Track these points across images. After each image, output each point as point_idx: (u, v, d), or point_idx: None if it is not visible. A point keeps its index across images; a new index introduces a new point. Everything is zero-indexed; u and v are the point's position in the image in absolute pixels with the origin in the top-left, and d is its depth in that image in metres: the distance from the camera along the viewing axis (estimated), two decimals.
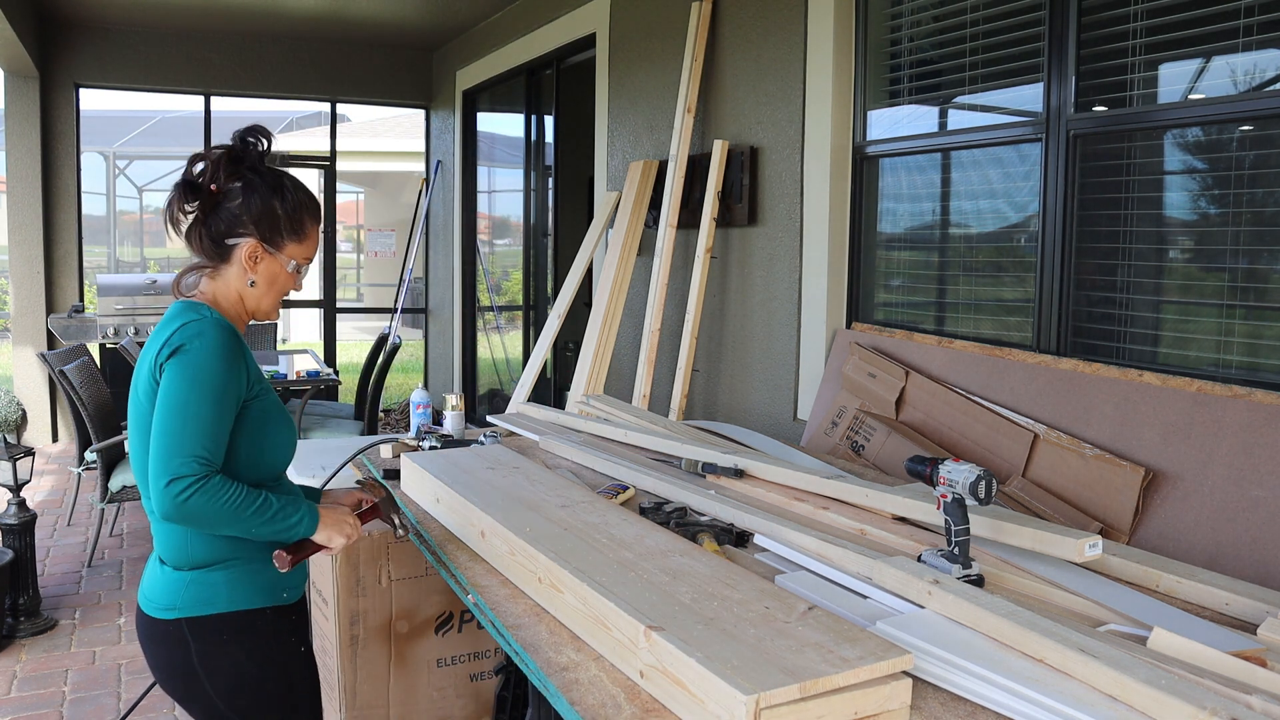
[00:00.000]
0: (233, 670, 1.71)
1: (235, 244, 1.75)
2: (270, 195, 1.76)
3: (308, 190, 1.84)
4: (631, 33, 4.94)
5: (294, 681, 1.80)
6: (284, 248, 1.78)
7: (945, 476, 1.79)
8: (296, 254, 1.80)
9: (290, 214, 1.77)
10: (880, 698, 1.32)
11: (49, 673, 3.53)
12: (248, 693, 1.73)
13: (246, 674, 1.72)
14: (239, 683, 1.72)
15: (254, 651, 1.73)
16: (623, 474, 2.58)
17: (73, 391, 4.48)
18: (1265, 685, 1.38)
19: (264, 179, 1.77)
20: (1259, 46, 2.40)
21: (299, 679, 1.81)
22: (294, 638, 1.80)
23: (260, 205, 1.75)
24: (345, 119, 12.62)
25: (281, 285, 1.81)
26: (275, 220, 1.76)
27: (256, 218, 1.75)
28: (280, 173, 1.81)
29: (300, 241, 1.80)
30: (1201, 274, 2.62)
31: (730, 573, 1.65)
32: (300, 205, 1.79)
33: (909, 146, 3.42)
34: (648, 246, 4.66)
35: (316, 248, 1.84)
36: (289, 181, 1.81)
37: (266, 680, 1.75)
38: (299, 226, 1.79)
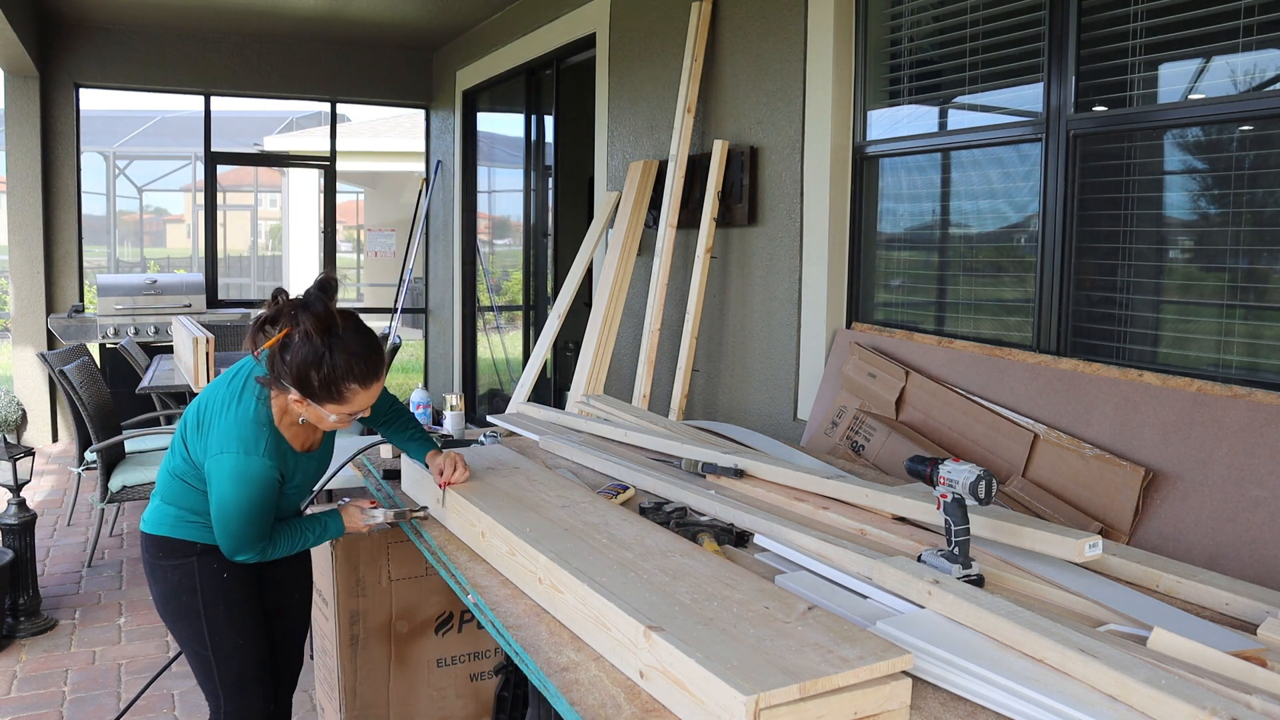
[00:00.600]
0: (163, 579, 2.17)
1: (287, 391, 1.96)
2: (308, 364, 1.91)
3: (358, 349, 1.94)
4: (631, 33, 4.94)
5: (207, 600, 2.17)
6: (324, 404, 1.96)
7: (945, 476, 1.79)
8: (337, 411, 1.97)
9: (325, 382, 1.92)
10: (880, 698, 1.32)
11: (49, 673, 3.53)
12: (170, 599, 2.18)
13: (170, 584, 2.17)
14: (165, 590, 2.18)
15: (177, 568, 2.16)
16: (623, 474, 2.58)
17: (73, 391, 4.48)
18: (1265, 685, 1.38)
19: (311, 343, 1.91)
20: (1259, 46, 2.40)
21: (215, 598, 2.17)
22: (216, 566, 2.16)
23: (298, 371, 1.92)
24: (345, 119, 12.61)
25: (329, 424, 2.02)
26: (311, 386, 1.93)
27: (297, 379, 1.93)
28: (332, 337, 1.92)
29: (339, 403, 1.96)
30: (1201, 274, 2.62)
31: (730, 573, 1.65)
32: (336, 375, 1.91)
33: (909, 146, 3.42)
34: (648, 246, 4.66)
35: (367, 402, 1.99)
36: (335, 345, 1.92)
37: (183, 593, 2.16)
38: (336, 394, 1.94)
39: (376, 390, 2.00)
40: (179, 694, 3.36)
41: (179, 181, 15.79)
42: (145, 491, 4.61)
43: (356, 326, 1.98)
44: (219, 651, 2.19)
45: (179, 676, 3.47)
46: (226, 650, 2.19)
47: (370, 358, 1.96)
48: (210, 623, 2.18)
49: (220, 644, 2.19)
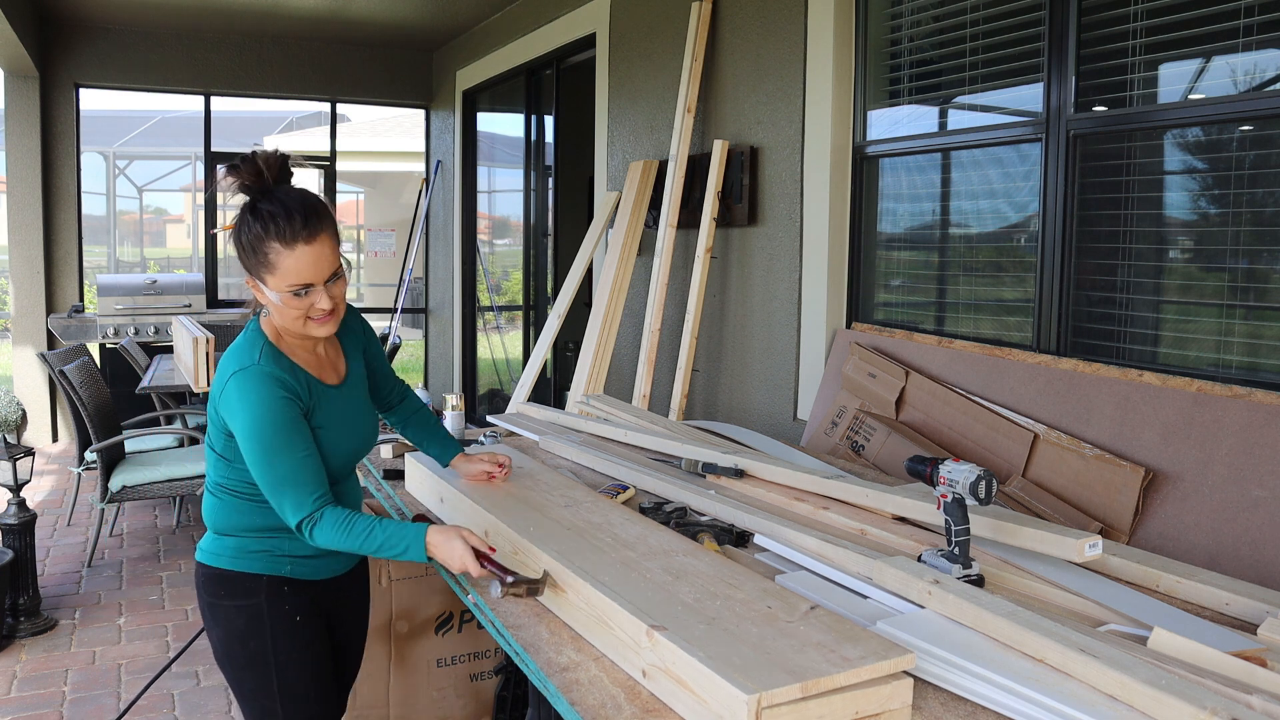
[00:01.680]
0: (225, 622, 1.89)
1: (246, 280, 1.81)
2: (238, 229, 1.77)
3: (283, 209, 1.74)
4: (631, 33, 4.94)
5: (277, 645, 1.89)
6: (264, 280, 1.76)
7: (945, 476, 1.79)
8: (276, 284, 1.75)
9: (250, 248, 1.75)
10: (881, 697, 1.32)
11: (49, 673, 3.53)
12: (235, 644, 1.90)
13: (234, 627, 1.89)
14: (227, 634, 1.90)
15: (242, 610, 1.88)
16: (623, 474, 2.58)
17: (73, 391, 4.48)
18: (1265, 685, 1.38)
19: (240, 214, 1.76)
20: (1259, 46, 2.40)
21: (284, 644, 1.89)
22: (287, 606, 1.90)
23: (236, 244, 1.77)
24: (345, 119, 12.60)
25: (285, 312, 1.78)
26: (245, 256, 1.77)
27: (240, 256, 1.78)
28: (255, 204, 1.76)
29: (272, 272, 1.74)
30: (1201, 274, 2.62)
31: (733, 572, 1.65)
32: (256, 237, 1.73)
33: (909, 146, 3.42)
34: (648, 246, 4.66)
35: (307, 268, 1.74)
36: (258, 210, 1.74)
37: (250, 637, 1.88)
38: (262, 258, 1.74)
39: (307, 257, 1.73)
40: (179, 694, 3.36)
41: (179, 181, 15.79)
42: (145, 491, 4.61)
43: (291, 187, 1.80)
44: (289, 702, 1.90)
45: (179, 676, 3.47)
46: (297, 699, 1.91)
47: (292, 213, 1.72)
48: (280, 671, 1.89)
49: (291, 694, 1.90)
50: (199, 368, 4.87)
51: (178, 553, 4.83)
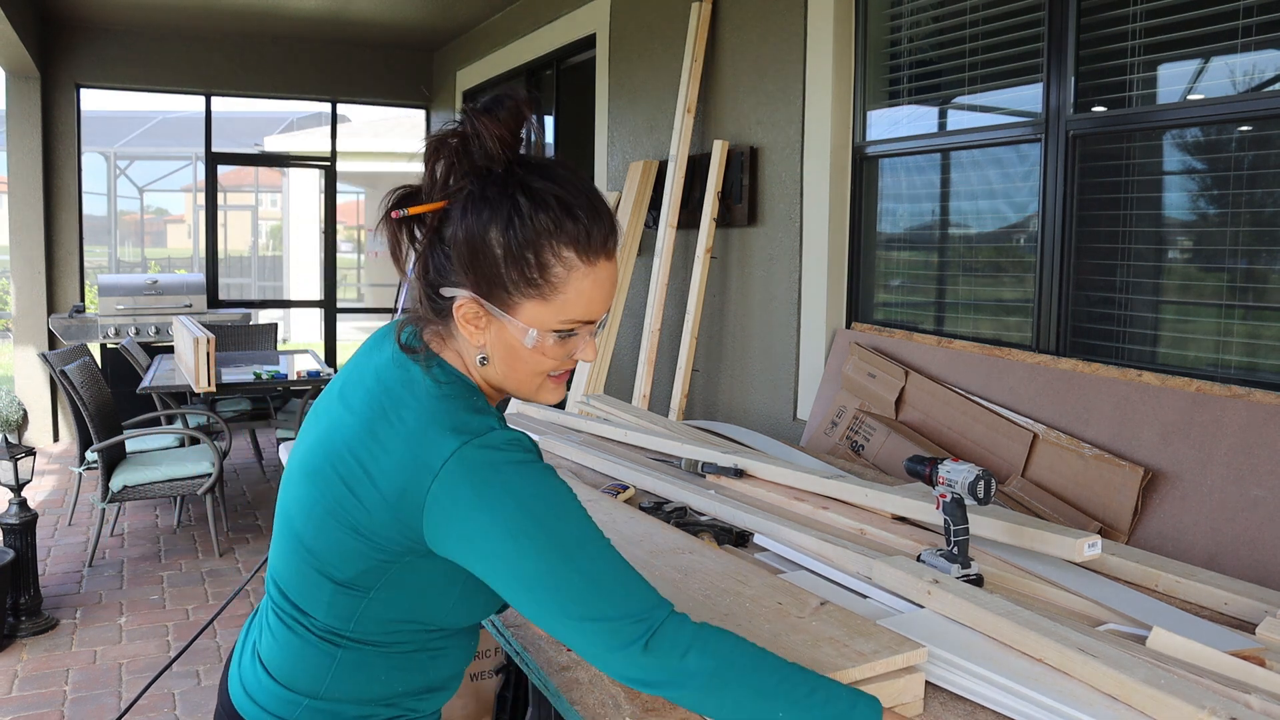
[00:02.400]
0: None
1: (451, 297, 1.12)
2: (491, 220, 1.08)
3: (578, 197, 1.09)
4: (631, 33, 4.94)
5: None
6: (517, 308, 1.10)
7: (944, 476, 1.79)
8: (546, 317, 1.10)
9: (518, 251, 1.07)
10: (895, 691, 1.33)
11: (50, 672, 3.54)
12: None
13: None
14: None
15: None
16: (623, 474, 2.58)
17: (74, 391, 4.48)
18: (1264, 685, 1.38)
19: (489, 188, 1.09)
20: (1259, 46, 2.40)
21: None
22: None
23: (474, 238, 1.08)
24: (345, 119, 12.62)
25: (529, 361, 1.14)
26: (493, 263, 1.08)
27: (472, 259, 1.09)
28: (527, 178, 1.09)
29: (544, 298, 1.09)
30: (1201, 274, 2.62)
31: (740, 569, 1.66)
32: (541, 232, 1.07)
33: (909, 147, 3.42)
34: (648, 246, 4.66)
35: (594, 298, 1.12)
36: (536, 191, 1.08)
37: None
38: (534, 272, 1.08)
39: (607, 281, 1.12)
40: (180, 694, 3.36)
41: (179, 182, 15.81)
42: (146, 491, 4.62)
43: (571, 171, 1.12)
44: None
45: (180, 676, 3.47)
46: None
47: (598, 209, 1.10)
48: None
49: None
50: (199, 368, 4.88)
51: (178, 552, 4.84)
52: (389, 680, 1.19)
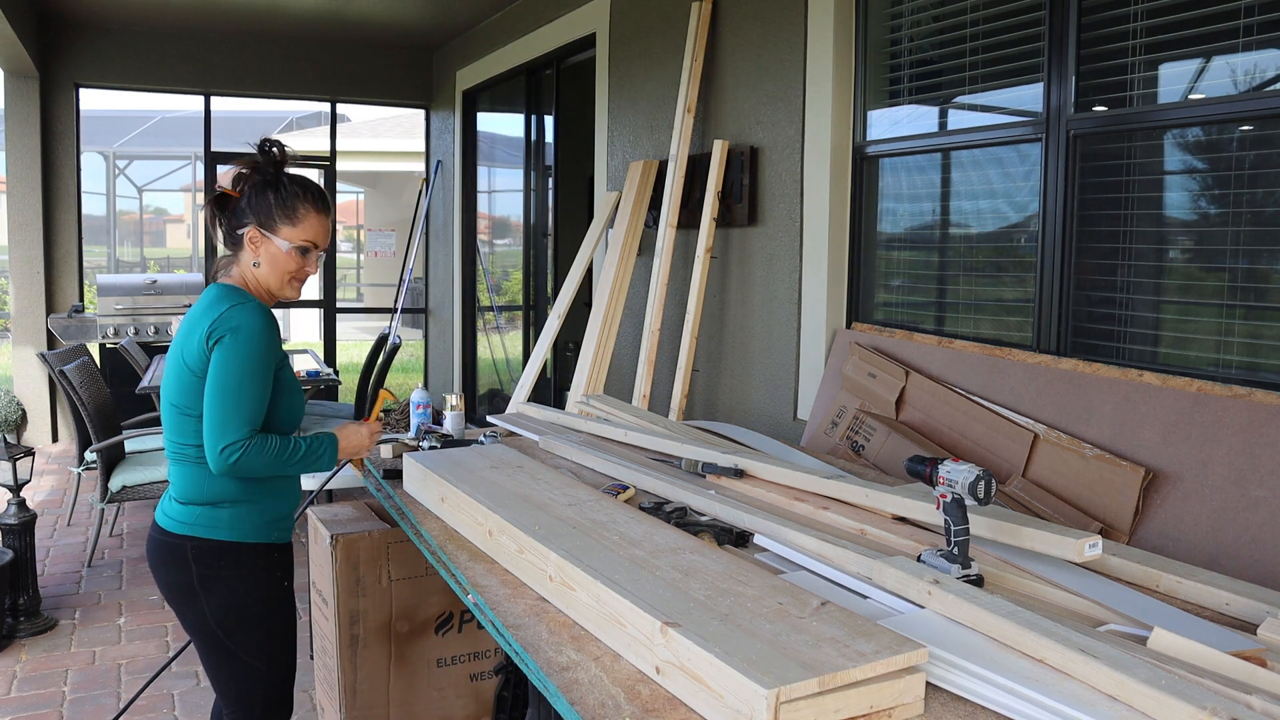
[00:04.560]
0: (225, 591, 2.02)
1: (242, 232, 2.06)
2: (266, 188, 2.07)
3: (313, 185, 2.11)
4: (631, 33, 4.94)
5: (274, 609, 2.08)
6: (278, 230, 2.05)
7: (945, 476, 1.79)
8: (292, 236, 2.06)
9: (283, 201, 2.06)
10: (895, 691, 1.33)
11: (49, 673, 3.53)
12: (234, 612, 2.03)
13: (235, 596, 2.02)
14: (228, 603, 2.02)
15: (244, 578, 2.03)
16: (623, 474, 2.58)
17: (73, 391, 4.48)
18: (1265, 685, 1.38)
19: (267, 177, 2.08)
20: (1259, 46, 2.40)
21: (278, 607, 2.09)
22: (278, 572, 2.09)
23: (258, 197, 2.06)
24: (345, 119, 12.62)
25: (284, 265, 2.07)
26: (269, 207, 2.05)
27: (255, 207, 2.06)
28: (285, 172, 2.11)
29: (294, 224, 2.06)
30: (1201, 274, 2.62)
31: (741, 569, 1.66)
32: (294, 195, 2.06)
33: (909, 146, 3.42)
34: (648, 246, 4.66)
35: (320, 233, 2.09)
36: (291, 178, 2.09)
37: (250, 603, 2.04)
38: (291, 211, 2.05)
39: (325, 226, 2.11)
40: (179, 694, 3.36)
41: (179, 181, 15.80)
42: (145, 491, 4.61)
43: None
44: (275, 661, 2.09)
45: (179, 676, 3.47)
46: (281, 657, 2.10)
47: (321, 189, 2.13)
48: (272, 634, 2.08)
49: (278, 652, 2.09)
50: None
51: None
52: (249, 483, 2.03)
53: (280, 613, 2.10)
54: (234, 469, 1.93)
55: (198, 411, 1.98)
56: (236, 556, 2.03)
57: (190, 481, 2.04)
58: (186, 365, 1.98)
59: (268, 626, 2.07)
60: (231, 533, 2.03)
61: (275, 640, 2.09)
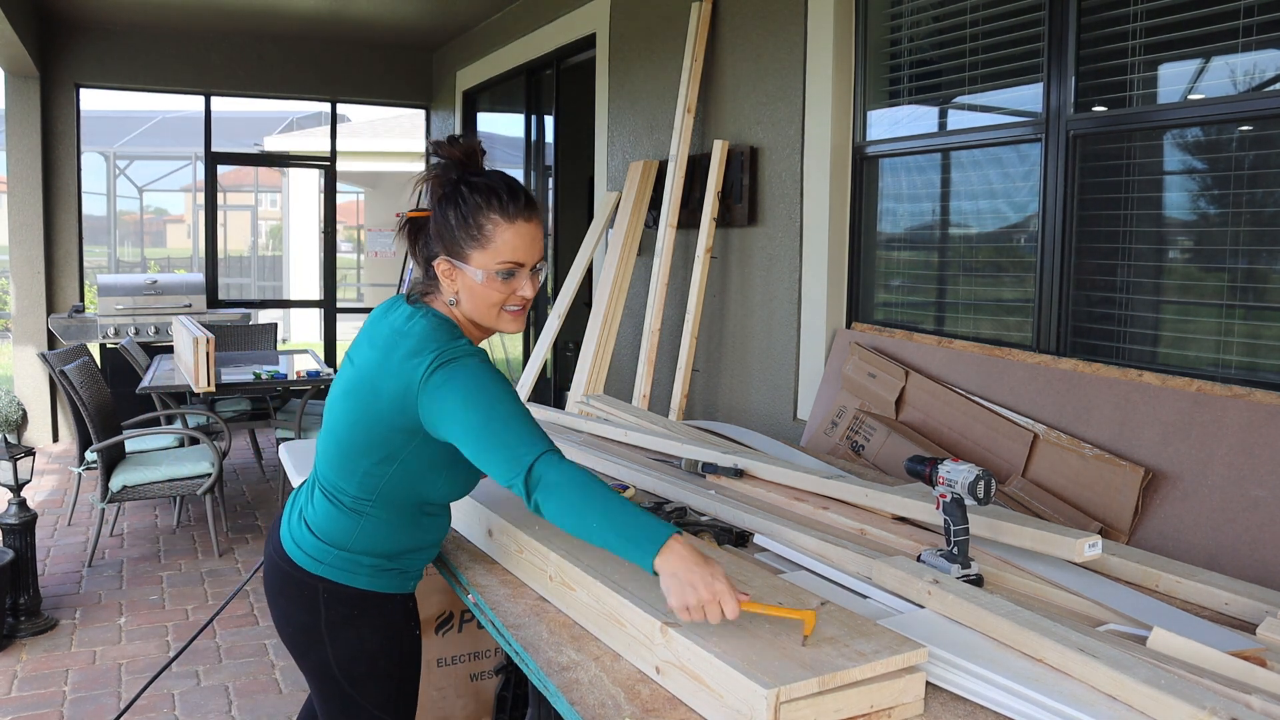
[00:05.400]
0: (355, 642, 1.79)
1: (434, 264, 1.71)
2: (446, 206, 1.69)
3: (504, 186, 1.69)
4: (631, 33, 4.94)
5: (405, 661, 1.86)
6: (468, 258, 1.67)
7: (944, 476, 1.79)
8: (485, 261, 1.67)
9: (463, 220, 1.67)
10: (895, 691, 1.33)
11: (49, 673, 3.53)
12: (363, 664, 1.81)
13: (366, 647, 1.80)
14: (358, 653, 1.80)
15: (377, 630, 1.80)
16: (623, 474, 2.58)
17: (73, 391, 4.48)
18: (1264, 685, 1.38)
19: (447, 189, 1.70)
20: (1259, 46, 2.40)
21: (409, 659, 1.87)
22: (411, 622, 1.87)
23: (439, 220, 1.70)
24: (345, 119, 12.61)
25: (483, 296, 1.69)
26: (448, 231, 1.68)
27: (439, 233, 1.70)
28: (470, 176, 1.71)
29: (483, 246, 1.67)
30: (1201, 274, 2.62)
31: (741, 569, 1.66)
32: (475, 207, 1.67)
33: (909, 147, 3.42)
34: (648, 246, 4.66)
35: (521, 247, 1.68)
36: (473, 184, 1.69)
37: (381, 657, 1.82)
38: (476, 230, 1.66)
39: (525, 235, 1.68)
40: (179, 694, 3.36)
41: (179, 181, 15.81)
42: (145, 491, 4.62)
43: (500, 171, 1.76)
44: (400, 715, 1.87)
45: (179, 676, 3.47)
46: (405, 714, 1.88)
47: (515, 190, 1.69)
48: (402, 686, 1.86)
49: (402, 707, 1.87)
50: (199, 368, 4.88)
51: (178, 553, 4.84)
52: (395, 538, 1.77)
53: (411, 667, 1.88)
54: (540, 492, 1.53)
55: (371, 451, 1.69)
56: (373, 606, 1.79)
57: (336, 524, 1.76)
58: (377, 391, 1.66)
59: (398, 679, 1.85)
60: (372, 582, 1.77)
61: (404, 694, 1.87)
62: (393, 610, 1.81)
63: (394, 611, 1.81)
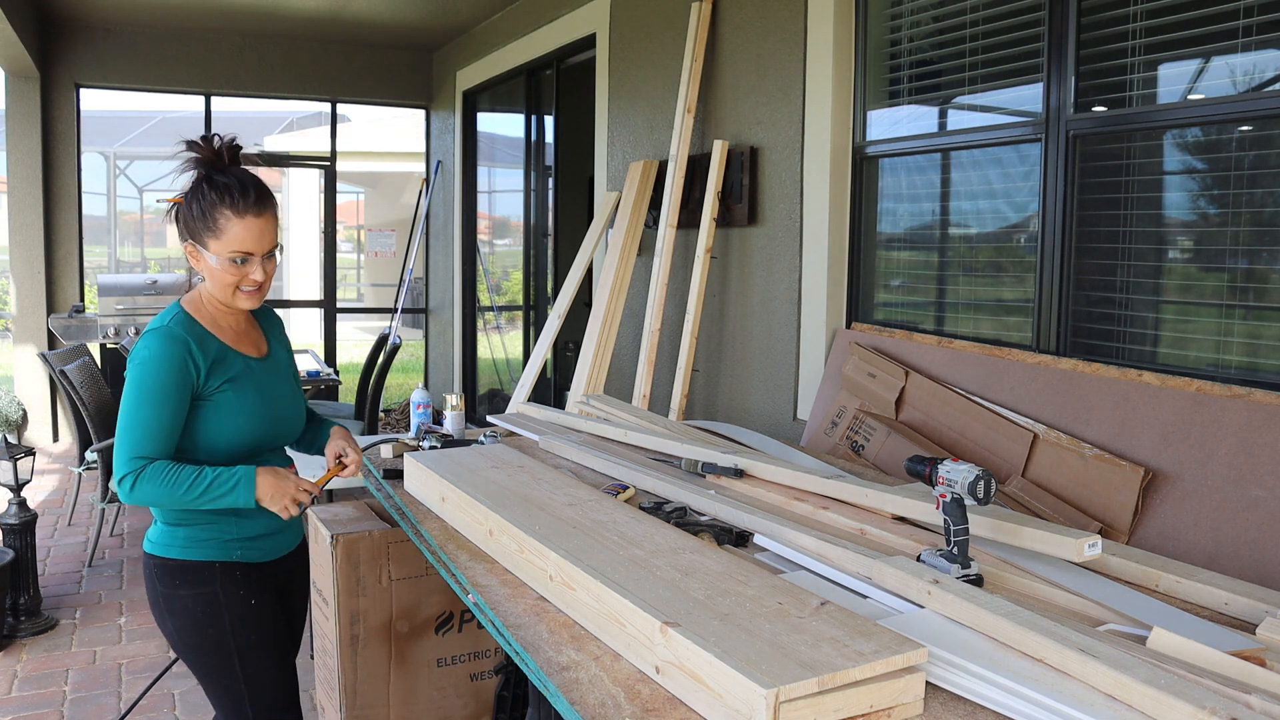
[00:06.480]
0: (181, 611, 1.98)
1: (184, 246, 1.98)
2: (189, 198, 1.95)
3: (238, 184, 1.93)
4: (631, 33, 4.94)
5: (235, 629, 1.99)
6: (207, 245, 1.93)
7: (944, 476, 1.79)
8: (219, 249, 1.93)
9: (202, 213, 1.92)
10: (895, 691, 1.33)
11: (49, 672, 3.54)
12: (193, 632, 1.98)
13: (191, 616, 1.98)
14: (185, 622, 1.98)
15: (198, 598, 1.98)
16: (623, 474, 2.58)
17: (73, 391, 4.48)
18: (1264, 685, 1.38)
19: (192, 184, 1.95)
20: (1259, 46, 2.40)
21: (241, 628, 2.00)
22: (242, 591, 2.01)
23: (185, 211, 1.96)
24: (345, 119, 12.62)
25: (222, 279, 1.95)
26: (191, 222, 1.94)
27: (183, 218, 1.96)
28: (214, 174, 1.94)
29: (217, 236, 1.92)
30: (1201, 274, 2.62)
31: (741, 569, 1.66)
32: (212, 202, 1.92)
33: (909, 147, 3.42)
34: (648, 246, 4.66)
35: (250, 239, 1.93)
36: (213, 181, 1.93)
37: (208, 624, 1.98)
38: (211, 223, 1.92)
39: (254, 229, 1.93)
40: (179, 694, 3.36)
41: (180, 182, 15.79)
42: None
43: (243, 169, 1.99)
44: (253, 683, 2.01)
45: (180, 676, 3.47)
46: (262, 680, 2.02)
47: (246, 187, 1.93)
48: (240, 654, 2.00)
49: (254, 674, 2.01)
50: None
51: None
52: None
53: (246, 633, 2.00)
54: (131, 498, 1.86)
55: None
56: (193, 576, 1.98)
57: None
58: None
59: (234, 647, 1.99)
60: (187, 551, 1.98)
61: (248, 662, 2.00)
62: (212, 578, 1.98)
63: (213, 579, 1.98)
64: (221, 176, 1.94)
